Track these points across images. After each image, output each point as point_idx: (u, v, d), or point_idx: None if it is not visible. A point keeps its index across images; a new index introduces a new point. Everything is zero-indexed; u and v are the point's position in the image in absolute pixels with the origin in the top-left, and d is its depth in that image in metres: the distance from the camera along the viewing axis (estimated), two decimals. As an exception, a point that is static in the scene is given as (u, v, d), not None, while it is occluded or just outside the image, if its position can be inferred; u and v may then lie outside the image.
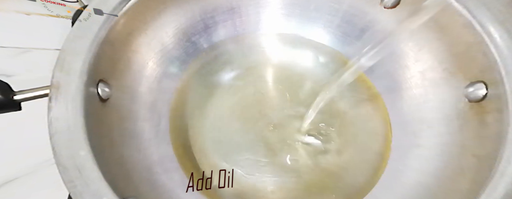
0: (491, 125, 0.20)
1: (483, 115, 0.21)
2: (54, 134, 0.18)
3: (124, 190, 0.18)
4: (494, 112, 0.20)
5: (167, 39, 0.27)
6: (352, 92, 0.27)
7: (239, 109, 0.26)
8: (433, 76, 0.25)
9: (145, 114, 0.25)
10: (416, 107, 0.25)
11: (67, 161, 0.17)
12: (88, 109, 0.19)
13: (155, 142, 0.25)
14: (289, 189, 0.24)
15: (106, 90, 0.21)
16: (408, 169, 0.23)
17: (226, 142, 0.25)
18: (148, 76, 0.26)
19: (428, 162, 0.23)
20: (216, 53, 0.29)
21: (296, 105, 0.26)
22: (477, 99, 0.21)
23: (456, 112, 0.23)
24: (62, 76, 0.19)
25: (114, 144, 0.21)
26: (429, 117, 0.24)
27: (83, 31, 0.20)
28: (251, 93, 0.27)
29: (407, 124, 0.25)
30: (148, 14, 0.25)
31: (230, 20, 0.29)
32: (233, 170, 0.24)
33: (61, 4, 0.25)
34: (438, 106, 0.24)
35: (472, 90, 0.22)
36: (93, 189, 0.17)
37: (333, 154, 0.25)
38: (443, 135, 0.23)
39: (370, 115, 0.26)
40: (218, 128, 0.26)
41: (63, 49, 0.20)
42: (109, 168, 0.18)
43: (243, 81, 0.28)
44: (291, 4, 0.28)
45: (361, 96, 0.27)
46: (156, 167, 0.24)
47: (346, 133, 0.25)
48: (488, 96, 0.20)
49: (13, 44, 0.32)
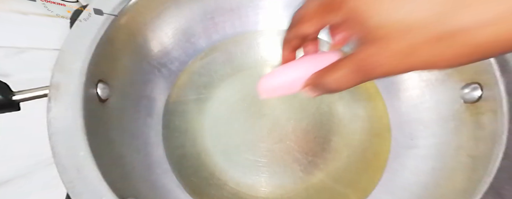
0: (486, 126, 0.20)
1: (478, 116, 0.21)
2: (54, 134, 0.18)
3: (123, 190, 0.18)
4: (489, 112, 0.20)
5: (166, 40, 0.27)
6: (351, 93, 0.27)
7: (239, 109, 0.26)
8: (430, 77, 0.25)
9: (144, 114, 0.25)
10: (413, 108, 0.25)
11: (67, 161, 0.17)
12: (88, 109, 0.19)
13: (154, 142, 0.25)
14: (288, 189, 0.24)
15: (105, 90, 0.21)
16: (405, 169, 0.24)
17: (225, 142, 0.25)
18: (148, 77, 0.26)
19: (425, 162, 0.23)
20: (216, 53, 0.29)
21: (295, 104, 0.26)
22: (472, 100, 0.21)
23: (452, 113, 0.23)
24: (61, 77, 0.19)
25: (114, 144, 0.21)
26: (425, 118, 0.25)
27: (83, 31, 0.20)
28: (251, 94, 0.27)
29: (404, 124, 0.25)
30: (148, 14, 0.25)
31: (229, 21, 0.29)
32: (233, 170, 0.24)
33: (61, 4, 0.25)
34: (435, 107, 0.24)
35: (467, 91, 0.22)
36: (92, 189, 0.17)
37: (332, 154, 0.25)
38: (439, 135, 0.23)
39: (368, 115, 0.26)
40: (217, 128, 0.26)
41: (63, 50, 0.20)
42: (109, 168, 0.18)
43: (242, 81, 0.28)
44: (290, 5, 0.29)
45: (359, 97, 0.27)
46: (155, 167, 0.24)
47: (345, 133, 0.26)
48: (483, 97, 0.21)
49: (11, 44, 0.32)
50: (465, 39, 0.09)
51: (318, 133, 0.26)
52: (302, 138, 0.25)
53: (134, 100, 0.25)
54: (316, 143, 0.25)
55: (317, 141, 0.25)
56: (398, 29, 0.10)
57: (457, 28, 0.09)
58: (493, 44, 0.09)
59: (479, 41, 0.09)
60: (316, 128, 0.26)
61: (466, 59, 0.10)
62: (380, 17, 0.10)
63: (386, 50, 0.11)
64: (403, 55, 0.10)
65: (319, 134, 0.25)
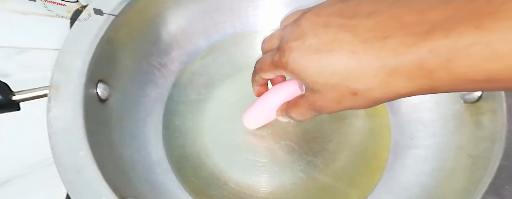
0: (486, 126, 0.20)
1: (478, 116, 0.21)
2: (54, 134, 0.18)
3: (123, 190, 0.18)
4: (488, 112, 0.20)
5: (166, 40, 0.27)
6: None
7: (239, 109, 0.26)
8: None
9: (144, 114, 0.25)
10: (413, 108, 0.25)
11: (66, 161, 0.17)
12: (88, 109, 0.19)
13: (154, 142, 0.25)
14: (288, 190, 0.24)
15: (105, 90, 0.21)
16: (405, 169, 0.24)
17: (225, 142, 0.25)
18: (148, 77, 0.26)
19: (425, 162, 0.23)
20: (216, 53, 0.29)
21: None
22: (472, 100, 0.22)
23: (452, 113, 0.23)
24: (61, 77, 0.19)
25: (113, 144, 0.21)
26: (425, 118, 0.25)
27: (83, 31, 0.20)
28: (251, 94, 0.27)
29: (404, 124, 0.25)
30: (148, 14, 0.25)
31: (229, 21, 0.29)
32: (233, 170, 0.24)
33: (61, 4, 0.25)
34: (435, 107, 0.24)
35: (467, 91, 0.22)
36: (92, 189, 0.17)
37: (332, 154, 0.25)
38: (440, 135, 0.23)
39: (368, 115, 0.26)
40: (217, 128, 0.26)
41: (63, 49, 0.20)
42: (108, 168, 0.18)
43: (242, 81, 0.28)
44: (290, 5, 0.29)
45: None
46: (155, 167, 0.24)
47: (345, 133, 0.26)
48: (483, 97, 0.21)
49: (11, 44, 0.32)
50: (365, 95, 0.14)
51: (318, 133, 0.26)
52: (302, 138, 0.25)
53: (134, 100, 0.25)
54: (316, 143, 0.25)
55: (317, 141, 0.25)
56: (326, 86, 0.14)
57: (359, 89, 0.14)
58: (383, 98, 0.14)
59: (373, 97, 0.14)
60: (316, 128, 0.26)
61: (373, 105, 0.14)
62: (313, 78, 0.14)
63: (324, 98, 0.15)
64: (336, 102, 0.15)
65: (319, 134, 0.25)
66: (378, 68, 0.12)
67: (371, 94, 0.14)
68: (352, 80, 0.13)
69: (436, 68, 0.11)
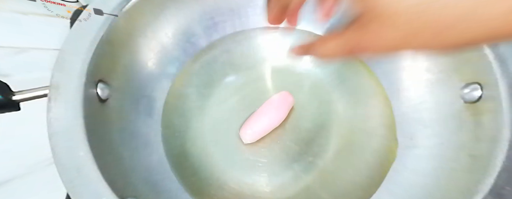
0: (486, 125, 0.20)
1: (478, 116, 0.21)
2: (54, 134, 0.18)
3: (123, 190, 0.18)
4: (489, 112, 0.20)
5: (166, 40, 0.27)
6: (351, 93, 0.27)
7: (239, 109, 0.26)
8: (430, 77, 0.25)
9: (144, 114, 0.25)
10: (413, 108, 0.25)
11: (67, 161, 0.17)
12: (88, 109, 0.19)
13: (154, 142, 0.25)
14: (288, 189, 0.24)
15: (105, 90, 0.21)
16: (405, 169, 0.24)
17: (225, 142, 0.25)
18: (148, 77, 0.26)
19: (425, 162, 0.23)
20: (215, 53, 0.29)
21: (295, 104, 0.26)
22: (472, 100, 0.21)
23: (452, 113, 0.23)
24: (61, 77, 0.19)
25: (113, 144, 0.21)
26: (425, 118, 0.25)
27: (83, 31, 0.20)
28: (251, 93, 0.27)
29: (404, 124, 0.25)
30: (148, 14, 0.25)
31: (229, 21, 0.29)
32: (233, 170, 0.24)
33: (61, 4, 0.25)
34: (435, 107, 0.24)
35: (467, 91, 0.22)
36: (92, 189, 0.17)
37: (332, 154, 0.25)
38: (440, 135, 0.23)
39: (368, 115, 0.26)
40: (217, 128, 0.26)
41: (63, 50, 0.20)
42: (108, 168, 0.18)
43: (242, 81, 0.28)
44: (289, 6, 0.29)
45: (360, 97, 0.27)
46: (155, 167, 0.24)
47: (345, 133, 0.26)
48: (483, 97, 0.21)
49: (11, 44, 0.32)
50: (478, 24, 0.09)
51: (318, 133, 0.26)
52: (302, 138, 0.25)
53: (134, 100, 0.25)
54: (316, 143, 0.25)
55: (317, 141, 0.25)
56: (410, 11, 0.10)
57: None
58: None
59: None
60: (316, 128, 0.26)
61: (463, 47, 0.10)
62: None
63: (391, 29, 0.10)
64: (405, 37, 0.10)
65: (319, 134, 0.25)
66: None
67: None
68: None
69: None
